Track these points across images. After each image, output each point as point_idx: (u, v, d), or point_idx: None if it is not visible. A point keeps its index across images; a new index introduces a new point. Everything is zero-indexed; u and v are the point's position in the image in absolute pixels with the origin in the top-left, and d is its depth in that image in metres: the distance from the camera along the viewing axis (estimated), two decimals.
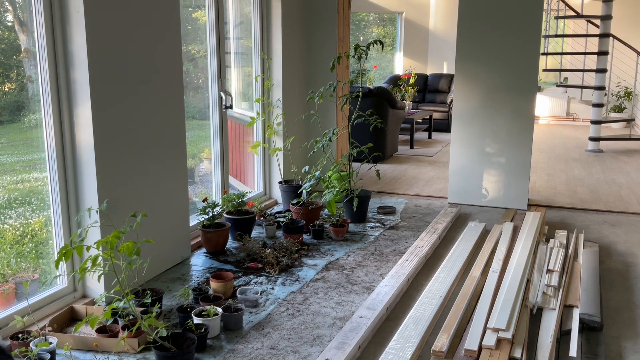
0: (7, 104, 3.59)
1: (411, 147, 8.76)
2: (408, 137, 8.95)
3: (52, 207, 3.37)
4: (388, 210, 5.35)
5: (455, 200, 5.67)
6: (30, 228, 4.30)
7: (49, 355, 2.67)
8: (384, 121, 5.16)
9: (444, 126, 10.36)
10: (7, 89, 3.58)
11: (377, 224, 5.01)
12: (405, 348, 2.79)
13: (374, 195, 5.89)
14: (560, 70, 9.57)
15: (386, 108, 7.61)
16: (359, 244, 4.50)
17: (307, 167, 5.02)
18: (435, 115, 10.35)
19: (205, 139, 5.23)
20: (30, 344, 2.71)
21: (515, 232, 4.50)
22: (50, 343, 2.72)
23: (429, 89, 11.18)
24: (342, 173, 5.14)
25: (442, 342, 2.82)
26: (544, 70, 9.81)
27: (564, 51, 10.19)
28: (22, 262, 4.02)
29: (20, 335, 2.82)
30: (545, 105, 11.88)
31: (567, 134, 10.47)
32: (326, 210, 5.06)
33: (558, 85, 9.74)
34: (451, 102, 10.35)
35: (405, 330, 2.97)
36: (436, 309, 3.22)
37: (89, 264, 2.60)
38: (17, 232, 4.26)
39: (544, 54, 9.41)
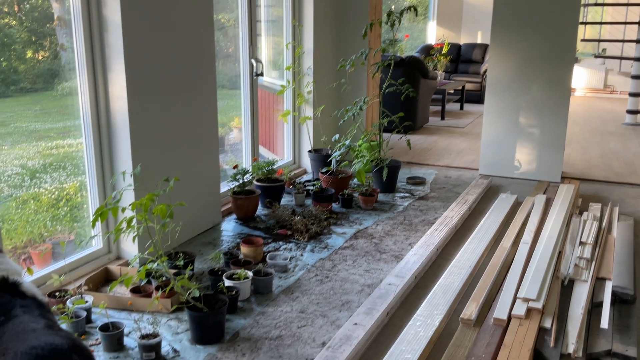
0: (40, 72, 3.64)
1: (442, 118, 8.64)
2: (439, 108, 8.82)
3: (87, 171, 3.44)
4: (418, 181, 5.32)
5: (487, 172, 5.59)
6: (65, 192, 4.41)
7: (84, 313, 2.76)
8: (415, 91, 5.08)
9: (477, 97, 10.16)
10: (40, 57, 3.62)
11: (407, 194, 4.99)
12: (433, 315, 2.79)
13: (403, 165, 5.85)
14: (599, 41, 9.26)
15: (418, 78, 7.50)
16: (388, 214, 4.50)
17: (337, 136, 5.00)
18: (468, 86, 10.15)
19: (235, 109, 5.24)
20: (67, 302, 2.80)
21: (548, 204, 4.43)
22: (86, 301, 2.81)
23: (462, 59, 10.96)
24: (372, 143, 5.11)
25: (470, 310, 2.82)
26: (582, 40, 9.50)
27: (603, 21, 9.84)
28: (58, 225, 4.13)
29: (57, 294, 2.92)
30: (582, 77, 11.54)
31: (604, 106, 10.18)
32: (355, 180, 5.05)
33: (596, 56, 9.45)
34: (485, 72, 10.14)
35: (434, 298, 2.97)
36: (465, 278, 3.21)
37: (124, 225, 2.66)
38: (53, 196, 4.37)
39: (582, 23, 9.11)
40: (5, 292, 1.74)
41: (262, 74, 4.90)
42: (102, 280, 3.25)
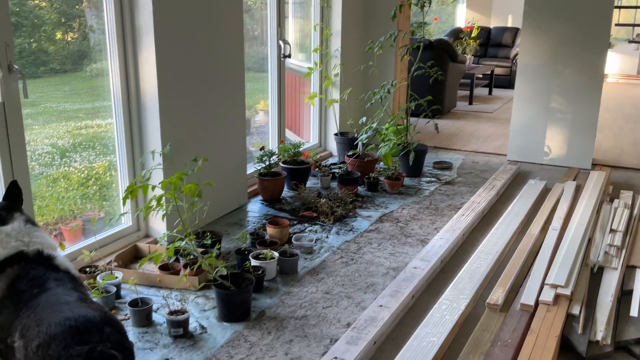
0: (70, 54, 3.68)
1: (470, 103, 8.53)
2: (467, 92, 8.70)
3: (117, 150, 3.48)
4: (444, 166, 5.27)
5: (515, 157, 5.51)
6: (94, 171, 4.48)
7: (114, 289, 2.82)
8: (444, 75, 5.02)
9: (506, 82, 9.99)
10: (69, 39, 3.66)
11: (433, 179, 4.95)
12: (459, 299, 2.78)
13: (430, 150, 5.80)
14: (634, 25, 8.99)
15: (446, 61, 7.40)
16: (414, 198, 4.48)
17: (364, 119, 4.97)
18: (497, 71, 9.97)
19: (260, 91, 5.24)
20: (97, 277, 2.86)
21: (578, 191, 4.36)
22: (116, 277, 2.87)
23: (492, 42, 10.77)
24: (398, 126, 5.07)
25: (497, 295, 2.80)
26: (616, 24, 9.25)
27: (639, 5, 9.55)
28: (87, 203, 4.21)
29: (87, 269, 2.98)
30: (615, 63, 11.25)
31: (637, 93, 9.92)
32: (382, 163, 5.02)
33: (630, 42, 9.18)
34: (515, 56, 9.95)
35: (460, 283, 2.96)
36: (492, 263, 3.19)
37: (154, 203, 2.70)
38: (82, 175, 4.45)
39: (617, 7, 8.86)
40: (40, 265, 1.78)
41: (289, 56, 4.88)
42: (131, 257, 3.30)
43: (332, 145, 5.63)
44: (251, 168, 4.60)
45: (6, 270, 1.76)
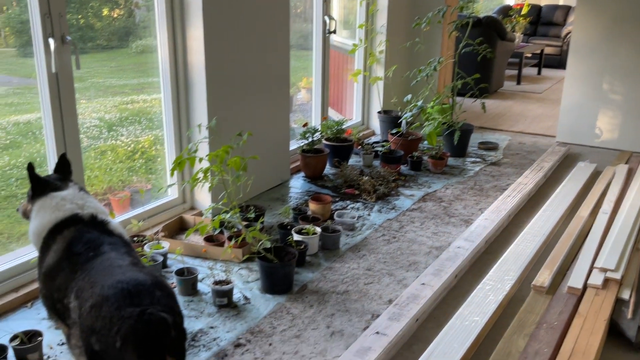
0: (115, 30, 3.73)
1: (518, 83, 8.31)
2: (515, 72, 8.46)
3: (165, 124, 3.53)
4: (490, 146, 5.17)
5: (565, 139, 5.35)
6: (140, 145, 4.58)
7: (161, 258, 2.89)
8: (492, 52, 4.89)
9: (556, 62, 9.67)
10: (115, 15, 3.71)
11: (478, 159, 4.86)
12: (504, 280, 2.74)
13: (475, 130, 5.67)
14: None
15: (495, 39, 7.20)
16: (458, 178, 4.41)
17: (409, 96, 4.90)
18: (547, 50, 9.65)
19: (302, 70, 5.22)
20: (145, 247, 2.94)
21: (630, 174, 4.21)
22: (163, 247, 2.93)
23: (542, 21, 10.42)
24: (443, 105, 4.98)
25: (543, 277, 2.74)
26: None
27: None
28: (134, 175, 4.31)
29: (135, 238, 3.06)
30: None
31: None
32: (425, 142, 4.96)
33: None
34: (566, 35, 9.61)
35: (505, 264, 2.91)
36: (538, 246, 3.12)
37: (200, 175, 2.73)
38: (129, 149, 4.55)
39: None
40: (94, 228, 1.84)
41: (334, 32, 4.84)
42: (177, 228, 3.37)
43: (375, 123, 5.58)
44: (294, 145, 4.61)
45: (63, 232, 1.83)
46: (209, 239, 3.14)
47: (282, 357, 2.26)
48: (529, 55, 9.06)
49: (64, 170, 2.13)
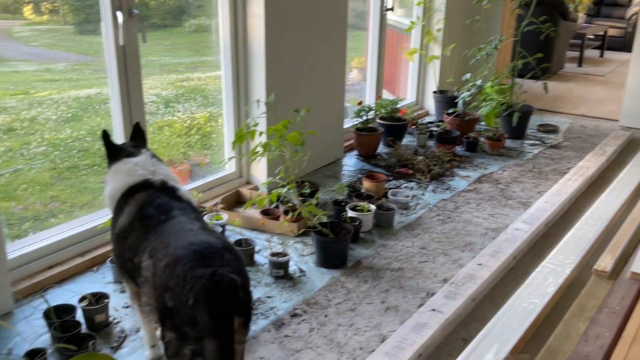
0: (170, 9, 3.78)
1: (579, 65, 8.00)
2: (577, 53, 8.15)
3: (224, 100, 3.56)
4: (549, 129, 5.02)
5: (629, 123, 5.14)
6: (195, 122, 4.67)
7: (220, 229, 2.96)
8: (556, 31, 4.71)
9: (619, 44, 9.26)
10: None
11: (537, 142, 4.73)
12: (563, 264, 2.68)
13: (534, 112, 5.52)
14: None
15: (557, 19, 6.95)
16: (516, 160, 4.31)
17: (468, 75, 4.79)
18: (610, 32, 9.24)
19: (353, 50, 5.18)
20: (205, 217, 3.01)
21: None
22: (223, 218, 3.00)
23: (606, 1, 9.97)
24: (502, 86, 4.86)
25: (605, 262, 2.67)
26: None
27: None
28: (190, 151, 4.41)
29: None
30: None
31: None
32: (482, 123, 4.86)
33: None
34: (631, 17, 9.17)
35: (565, 248, 2.85)
36: (600, 230, 3.03)
37: (260, 149, 2.77)
38: (185, 124, 4.65)
39: None
40: (164, 194, 1.91)
41: (392, 9, 4.78)
42: (235, 201, 3.44)
43: (430, 103, 5.50)
44: (347, 123, 4.60)
45: (135, 195, 1.90)
46: (265, 213, 3.19)
47: (338, 328, 2.29)
48: (592, 36, 8.70)
49: (138, 138, 2.20)
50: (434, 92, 5.30)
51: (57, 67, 5.28)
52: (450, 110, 4.70)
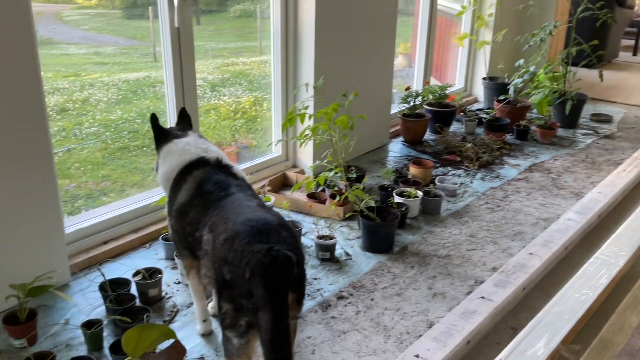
0: None
1: (634, 54, 7.71)
2: (632, 42, 7.84)
3: (273, 84, 3.57)
4: (603, 119, 4.86)
5: None
6: (241, 106, 4.72)
7: None
8: (614, 18, 4.53)
9: None
10: None
11: (590, 131, 4.59)
12: (617, 255, 2.60)
13: (587, 101, 5.36)
14: None
15: (612, 5, 6.69)
16: (568, 150, 4.20)
17: (521, 61, 4.67)
18: None
19: (399, 35, 5.11)
20: None
21: None
22: (271, 200, 3.03)
23: None
24: (555, 73, 4.72)
25: None
26: None
27: None
28: (235, 134, 4.46)
29: None
30: None
31: None
32: (534, 111, 4.74)
33: None
34: None
35: (619, 239, 2.76)
36: None
37: (308, 132, 2.78)
38: (230, 108, 4.70)
39: None
40: (220, 171, 1.95)
41: None
42: (281, 184, 3.47)
43: (478, 90, 5.40)
44: (394, 108, 4.56)
45: (192, 172, 1.95)
46: (311, 196, 3.21)
47: (384, 312, 2.29)
48: None
49: (184, 122, 2.25)
50: (484, 78, 5.20)
51: (106, 50, 5.41)
52: (501, 97, 4.60)
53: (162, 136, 2.16)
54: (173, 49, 2.81)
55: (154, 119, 2.16)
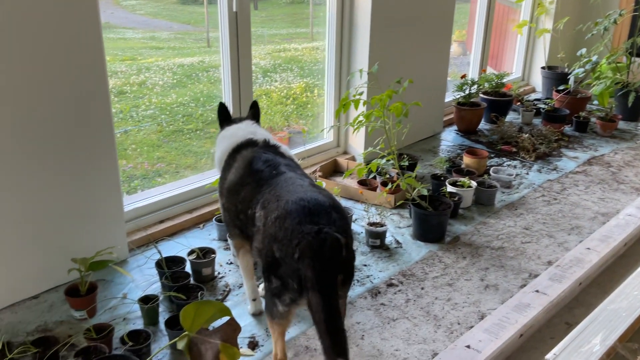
0: None
1: None
2: None
3: (326, 70, 3.56)
4: None
5: None
6: (292, 92, 4.74)
7: None
8: None
9: None
10: None
11: None
12: None
13: None
14: None
15: None
16: (629, 143, 4.03)
17: (583, 50, 4.50)
18: None
19: (454, 22, 5.01)
20: None
21: None
22: (322, 185, 3.04)
23: None
24: (618, 64, 4.53)
25: None
26: None
27: None
28: (285, 120, 4.48)
29: None
30: None
31: None
32: (595, 102, 4.57)
33: None
34: None
35: None
36: None
37: (362, 118, 2.77)
38: (281, 94, 4.73)
39: None
40: (269, 150, 1.98)
41: None
42: (331, 170, 3.47)
43: (537, 79, 5.24)
44: (448, 97, 4.48)
45: (241, 152, 2.00)
46: (362, 183, 3.20)
47: (435, 301, 2.27)
48: None
49: (254, 113, 2.31)
50: (542, 67, 5.04)
51: (161, 35, 5.52)
52: (561, 87, 4.45)
53: (222, 124, 2.28)
54: (230, 34, 2.84)
55: (220, 107, 2.26)
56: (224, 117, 2.28)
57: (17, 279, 2.17)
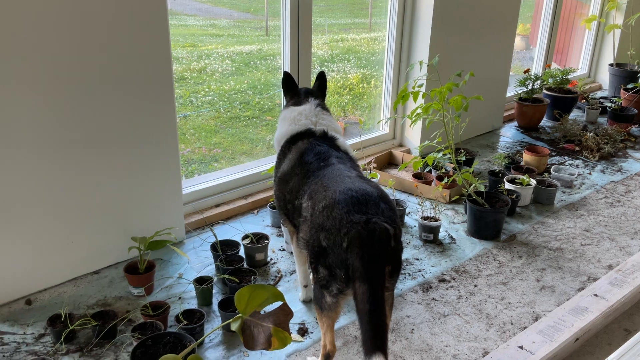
0: None
1: None
2: None
3: (386, 62, 3.53)
4: None
5: None
6: (348, 82, 4.72)
7: None
8: None
9: None
10: None
11: None
12: None
13: None
14: None
15: None
16: None
17: None
18: None
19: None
20: None
21: None
22: (377, 176, 3.02)
23: None
24: None
25: None
26: None
27: None
28: (341, 110, 4.47)
29: None
30: None
31: None
32: None
33: None
34: None
35: None
36: None
37: (420, 111, 2.73)
38: (338, 84, 4.72)
39: None
40: (324, 143, 1.97)
41: None
42: (386, 162, 3.45)
43: (604, 77, 5.03)
44: (510, 91, 4.37)
45: (297, 143, 2.00)
46: (417, 176, 3.16)
47: (487, 300, 2.23)
48: None
49: (320, 85, 2.27)
50: (611, 64, 4.83)
51: (221, 23, 5.60)
52: (629, 86, 4.26)
53: (287, 95, 2.24)
54: (292, 22, 2.85)
55: (285, 76, 2.22)
56: (289, 88, 2.24)
57: (80, 255, 2.27)
